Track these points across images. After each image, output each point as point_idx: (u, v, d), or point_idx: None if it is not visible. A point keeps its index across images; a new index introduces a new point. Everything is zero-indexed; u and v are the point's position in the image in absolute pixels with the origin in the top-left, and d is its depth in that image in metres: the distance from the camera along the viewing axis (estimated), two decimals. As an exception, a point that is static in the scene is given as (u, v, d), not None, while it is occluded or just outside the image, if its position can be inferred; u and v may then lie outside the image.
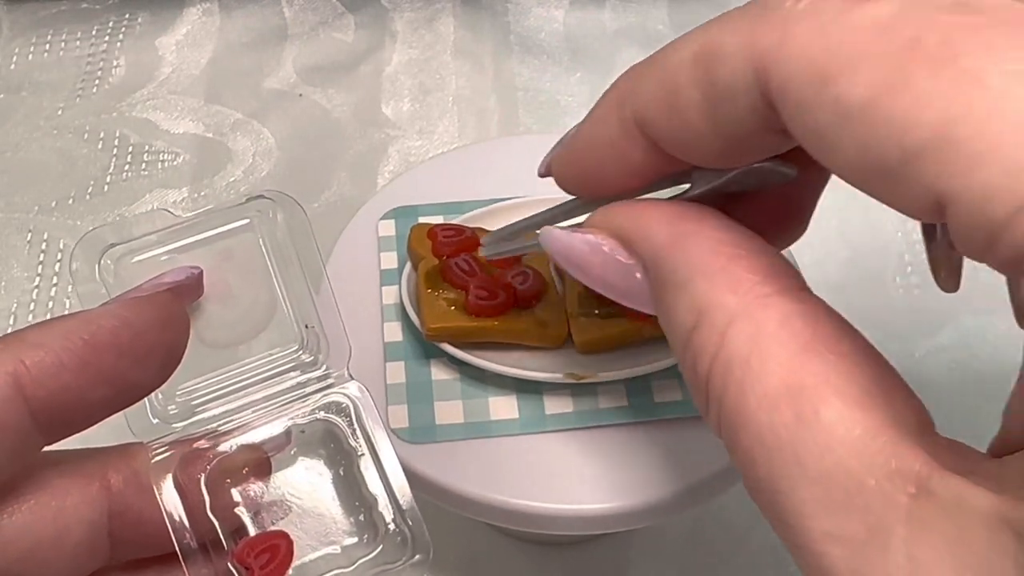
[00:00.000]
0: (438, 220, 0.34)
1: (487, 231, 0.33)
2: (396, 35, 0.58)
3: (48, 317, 0.44)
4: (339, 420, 0.25)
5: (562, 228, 0.22)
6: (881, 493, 0.15)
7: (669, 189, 0.22)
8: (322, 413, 0.25)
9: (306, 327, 0.25)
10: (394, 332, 0.31)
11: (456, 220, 0.33)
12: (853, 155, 0.16)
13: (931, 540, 0.15)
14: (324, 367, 0.25)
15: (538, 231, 0.23)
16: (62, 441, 0.22)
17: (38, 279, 0.47)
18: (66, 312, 0.45)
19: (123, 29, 0.58)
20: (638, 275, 0.20)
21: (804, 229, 0.24)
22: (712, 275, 0.18)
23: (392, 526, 0.23)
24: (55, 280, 0.46)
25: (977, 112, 0.14)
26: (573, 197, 0.24)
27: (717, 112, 0.18)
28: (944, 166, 0.14)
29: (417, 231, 0.32)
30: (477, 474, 0.28)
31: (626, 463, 0.29)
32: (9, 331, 0.44)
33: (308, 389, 0.25)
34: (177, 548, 0.22)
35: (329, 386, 0.25)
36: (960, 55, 0.14)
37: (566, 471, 0.29)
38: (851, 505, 0.16)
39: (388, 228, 0.34)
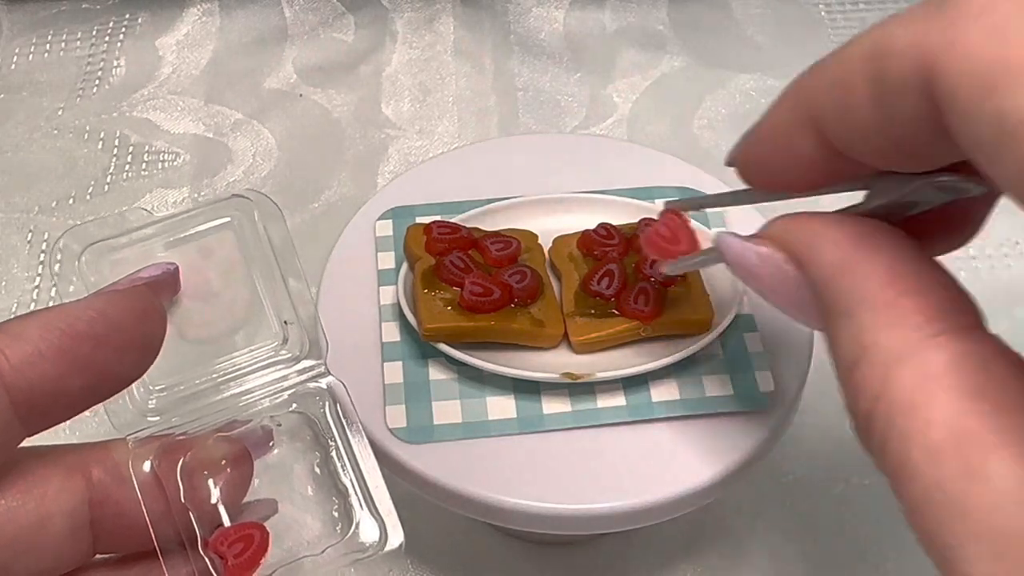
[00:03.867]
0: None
1: (483, 230, 0.33)
2: (396, 35, 0.58)
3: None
4: (314, 412, 0.25)
5: (738, 236, 0.22)
6: None
7: (849, 194, 0.22)
8: (297, 405, 0.25)
9: (285, 323, 0.25)
10: (392, 332, 0.31)
11: (454, 220, 0.33)
12: (1010, 170, 0.15)
13: None
14: (302, 362, 0.25)
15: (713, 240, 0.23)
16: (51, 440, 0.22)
17: (38, 279, 0.47)
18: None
19: (123, 29, 0.58)
20: (807, 293, 0.20)
21: (974, 235, 0.22)
22: (879, 310, 0.18)
23: (365, 516, 0.24)
24: (55, 280, 0.46)
25: None
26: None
27: (885, 111, 0.17)
28: None
29: (413, 231, 0.32)
30: (475, 474, 0.28)
31: (624, 463, 0.29)
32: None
33: (286, 383, 0.25)
34: (153, 537, 0.22)
35: (307, 380, 0.25)
36: None
37: (564, 471, 0.29)
38: (1020, 564, 0.15)
39: (385, 228, 0.34)
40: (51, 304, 0.45)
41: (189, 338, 0.25)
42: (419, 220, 0.33)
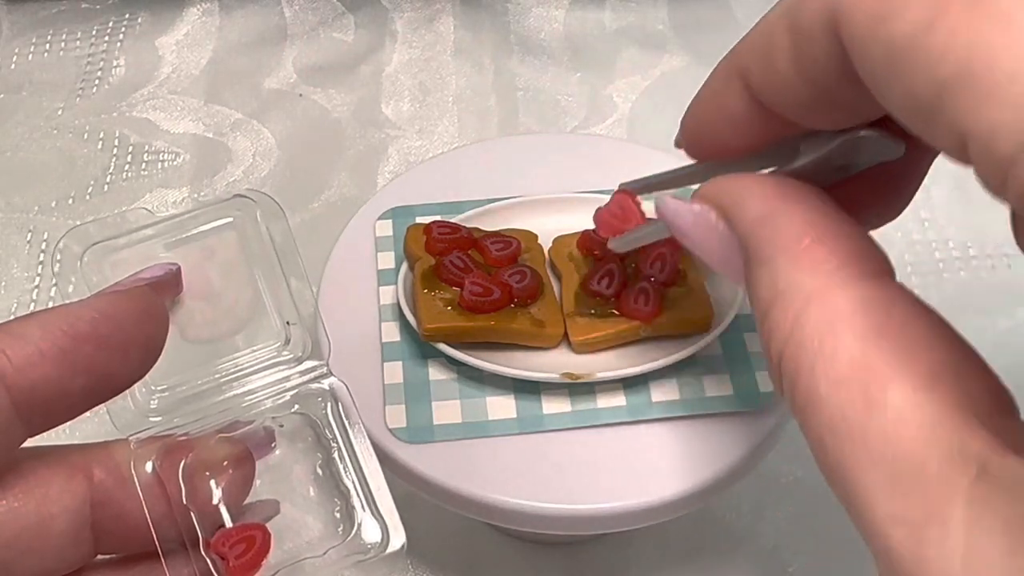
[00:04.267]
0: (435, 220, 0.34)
1: (483, 230, 0.33)
2: (396, 35, 0.58)
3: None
4: (316, 413, 0.25)
5: (674, 198, 0.24)
6: (942, 477, 0.16)
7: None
8: (299, 406, 0.25)
9: (287, 324, 0.25)
10: (391, 332, 0.31)
11: (454, 220, 0.33)
12: (900, 93, 0.16)
13: (988, 521, 0.15)
14: (304, 363, 0.25)
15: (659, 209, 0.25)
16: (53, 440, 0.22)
17: (38, 279, 0.47)
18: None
19: (123, 29, 0.58)
20: (733, 248, 0.21)
21: (904, 206, 0.24)
22: (794, 255, 0.19)
23: (367, 517, 0.24)
24: (55, 280, 0.46)
25: (995, 48, 0.14)
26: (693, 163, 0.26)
27: (801, 56, 0.19)
28: (962, 102, 0.15)
29: (413, 231, 0.32)
30: (475, 474, 0.28)
31: (624, 463, 0.29)
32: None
33: (288, 384, 0.25)
34: (155, 538, 0.22)
35: (309, 381, 0.25)
36: None
37: (564, 471, 0.29)
38: (913, 489, 0.16)
39: (385, 228, 0.34)
40: (51, 304, 0.45)
41: (191, 338, 0.25)
42: (419, 220, 0.33)
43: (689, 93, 0.25)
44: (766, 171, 0.23)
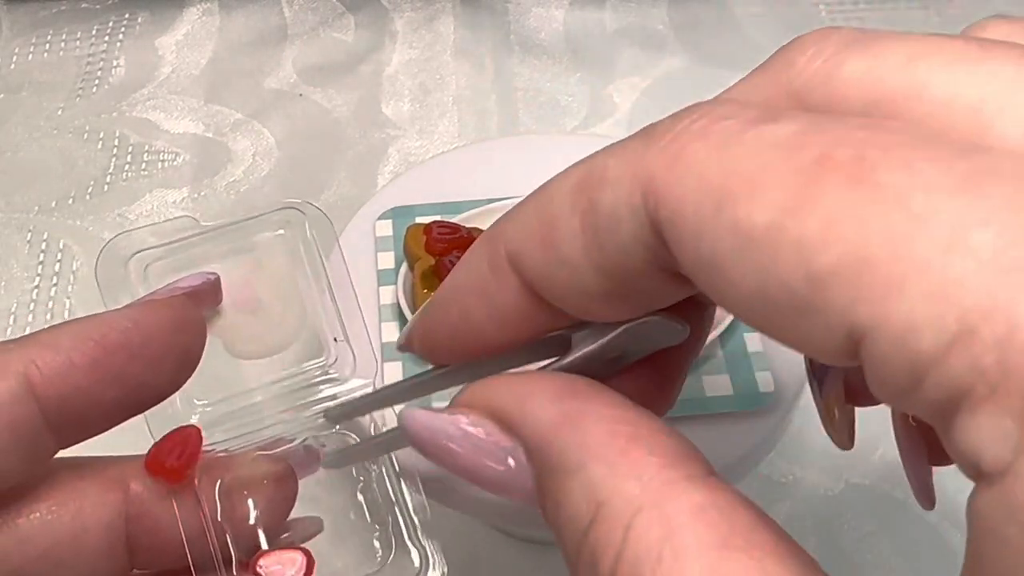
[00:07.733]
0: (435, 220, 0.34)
1: (483, 231, 0.33)
2: (396, 35, 0.58)
3: (48, 317, 0.45)
4: (360, 435, 0.24)
5: (425, 409, 0.19)
6: None
7: (544, 361, 0.20)
8: (343, 426, 0.24)
9: (334, 340, 0.24)
10: (391, 332, 0.31)
11: (454, 220, 0.33)
12: (753, 287, 0.14)
13: None
14: (350, 382, 0.24)
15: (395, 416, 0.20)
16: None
17: (38, 279, 0.47)
18: (65, 312, 0.45)
19: (123, 29, 0.58)
20: (516, 462, 0.18)
21: (673, 402, 0.21)
22: (611, 460, 0.16)
23: (408, 543, 0.23)
24: (55, 280, 0.46)
25: (898, 232, 0.12)
26: (430, 369, 0.21)
27: (598, 243, 0.16)
28: (858, 293, 0.12)
29: (413, 231, 0.32)
30: (475, 474, 0.28)
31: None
32: (9, 331, 0.44)
33: (333, 404, 0.24)
34: (188, 555, 0.22)
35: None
36: (877, 170, 0.13)
37: (564, 471, 0.29)
38: None
39: (385, 228, 0.34)
40: (51, 304, 0.45)
41: (235, 353, 0.24)
42: (419, 220, 0.33)
43: (689, 93, 0.24)
44: (534, 367, 0.20)
